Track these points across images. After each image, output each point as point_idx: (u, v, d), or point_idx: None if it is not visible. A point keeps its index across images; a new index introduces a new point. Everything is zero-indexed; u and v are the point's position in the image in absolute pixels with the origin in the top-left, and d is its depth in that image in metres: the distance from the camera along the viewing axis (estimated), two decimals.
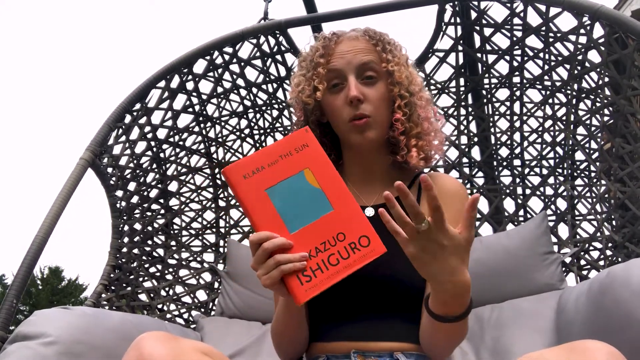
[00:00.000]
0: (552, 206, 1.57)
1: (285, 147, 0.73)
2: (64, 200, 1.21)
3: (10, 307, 1.01)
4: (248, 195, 0.69)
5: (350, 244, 0.69)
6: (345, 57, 0.90)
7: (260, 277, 0.67)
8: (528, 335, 1.15)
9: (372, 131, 0.89)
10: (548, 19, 1.36)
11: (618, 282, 0.80)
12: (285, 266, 0.66)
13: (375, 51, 0.91)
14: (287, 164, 0.72)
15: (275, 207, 0.69)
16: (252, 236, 0.68)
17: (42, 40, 79.72)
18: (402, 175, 0.97)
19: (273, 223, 0.69)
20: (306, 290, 0.67)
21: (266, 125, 1.75)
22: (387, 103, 0.91)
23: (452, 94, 1.64)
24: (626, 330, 0.76)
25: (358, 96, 0.87)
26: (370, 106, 0.88)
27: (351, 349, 0.82)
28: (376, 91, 0.89)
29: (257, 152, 0.72)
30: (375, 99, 0.89)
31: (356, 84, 0.88)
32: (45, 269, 20.22)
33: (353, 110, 0.88)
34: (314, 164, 0.73)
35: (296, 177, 0.71)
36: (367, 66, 0.89)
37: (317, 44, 0.94)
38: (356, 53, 0.90)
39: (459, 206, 0.89)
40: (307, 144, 0.73)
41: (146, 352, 0.60)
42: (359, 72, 0.90)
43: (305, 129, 0.75)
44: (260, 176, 0.70)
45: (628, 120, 1.27)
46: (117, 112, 1.43)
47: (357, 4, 1.55)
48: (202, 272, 1.63)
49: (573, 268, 1.42)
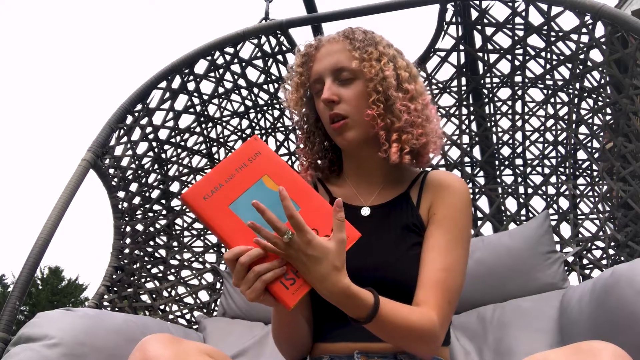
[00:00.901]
0: (554, 205, 1.56)
1: (238, 160, 0.73)
2: (66, 202, 1.21)
3: (13, 309, 1.01)
4: (213, 215, 0.68)
5: (325, 237, 0.69)
6: (323, 61, 0.91)
7: (245, 293, 0.67)
8: (531, 335, 1.15)
9: (351, 132, 0.89)
10: (550, 18, 1.36)
11: (623, 282, 0.80)
12: (265, 276, 0.65)
13: (352, 50, 0.90)
14: (243, 175, 0.72)
15: (242, 220, 0.69)
16: (227, 254, 0.67)
17: (42, 40, 79.73)
18: (404, 173, 0.97)
19: (244, 236, 0.68)
20: (293, 293, 0.66)
21: (267, 125, 1.75)
22: (366, 101, 0.90)
23: (453, 94, 1.64)
24: (631, 330, 0.76)
25: (328, 98, 0.88)
26: (347, 106, 0.89)
27: (354, 349, 0.82)
28: (352, 90, 0.89)
29: (211, 172, 0.72)
30: (351, 98, 0.89)
31: (330, 85, 0.89)
32: (45, 269, 20.23)
33: (329, 112, 0.89)
34: (270, 169, 0.73)
35: (256, 186, 0.71)
36: (341, 67, 0.89)
37: (301, 52, 0.96)
38: (332, 55, 0.91)
39: (457, 203, 0.89)
40: (259, 152, 0.74)
41: (150, 355, 0.60)
42: (335, 75, 0.90)
43: (254, 137, 0.75)
44: (220, 194, 0.70)
45: (630, 119, 1.27)
46: (119, 113, 1.43)
47: (357, 4, 1.55)
48: (204, 272, 1.64)
49: (575, 267, 1.42)
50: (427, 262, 0.84)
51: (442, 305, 0.80)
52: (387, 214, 0.91)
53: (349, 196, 0.95)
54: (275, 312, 0.82)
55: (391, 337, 0.76)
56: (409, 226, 0.89)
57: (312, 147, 1.00)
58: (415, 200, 0.92)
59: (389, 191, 0.94)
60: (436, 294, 0.80)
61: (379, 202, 0.93)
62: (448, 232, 0.86)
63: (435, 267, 0.83)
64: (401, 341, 0.77)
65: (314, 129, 0.99)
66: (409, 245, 0.87)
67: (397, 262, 0.85)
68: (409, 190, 0.94)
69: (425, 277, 0.82)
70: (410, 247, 0.87)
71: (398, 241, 0.87)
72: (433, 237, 0.86)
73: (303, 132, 1.01)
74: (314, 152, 1.00)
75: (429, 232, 0.88)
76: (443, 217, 0.88)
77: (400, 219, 0.90)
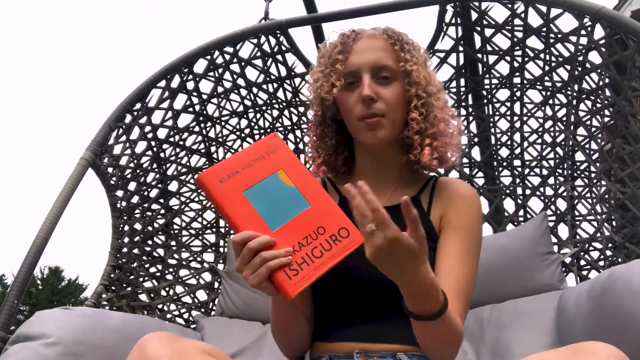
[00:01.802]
0: (552, 206, 1.57)
1: (257, 152, 0.75)
2: (65, 200, 1.21)
3: (11, 307, 1.01)
4: (226, 198, 0.70)
5: (331, 236, 0.72)
6: (361, 55, 0.90)
7: (247, 278, 0.67)
8: (528, 336, 1.15)
9: (383, 130, 0.88)
10: (549, 20, 1.36)
11: (620, 283, 0.80)
12: (272, 262, 0.66)
13: (393, 50, 0.90)
14: (260, 167, 0.74)
15: (254, 207, 0.70)
16: (235, 236, 0.67)
17: (42, 40, 79.58)
18: (416, 177, 0.98)
19: (254, 223, 0.69)
20: (295, 283, 0.67)
21: (266, 125, 1.75)
22: (403, 103, 0.90)
23: (452, 95, 1.64)
24: (627, 331, 0.76)
25: (371, 95, 0.87)
26: (384, 105, 0.88)
27: (354, 349, 0.82)
28: (391, 91, 0.89)
29: (229, 158, 0.74)
30: (389, 98, 0.88)
31: (370, 83, 0.88)
32: (45, 269, 20.20)
33: (366, 109, 0.88)
34: (287, 165, 0.75)
35: (271, 178, 0.74)
36: (383, 66, 0.89)
37: (336, 40, 0.93)
38: (373, 52, 0.90)
39: (472, 212, 0.91)
40: (277, 148, 0.77)
41: (150, 353, 0.60)
42: (375, 72, 0.89)
43: (274, 135, 0.78)
44: (236, 179, 0.71)
45: (628, 121, 1.27)
46: (118, 112, 1.43)
47: (357, 4, 1.55)
48: (202, 272, 1.63)
49: (573, 268, 1.43)
50: (447, 271, 0.84)
51: (464, 312, 0.83)
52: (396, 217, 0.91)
53: None
54: (274, 307, 0.82)
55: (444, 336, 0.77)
56: None
57: (325, 141, 0.99)
58: (426, 206, 0.93)
59: (400, 194, 0.94)
60: (459, 302, 0.82)
61: (390, 204, 0.93)
62: (465, 241, 0.87)
63: (455, 276, 0.84)
64: (443, 345, 0.78)
65: (331, 123, 0.98)
66: None
67: None
68: (420, 195, 0.95)
69: (446, 285, 0.83)
70: None
71: None
72: (450, 246, 0.87)
73: (319, 124, 0.99)
74: (328, 146, 0.99)
75: (445, 240, 0.88)
76: (459, 226, 0.89)
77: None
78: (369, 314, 0.83)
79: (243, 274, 0.68)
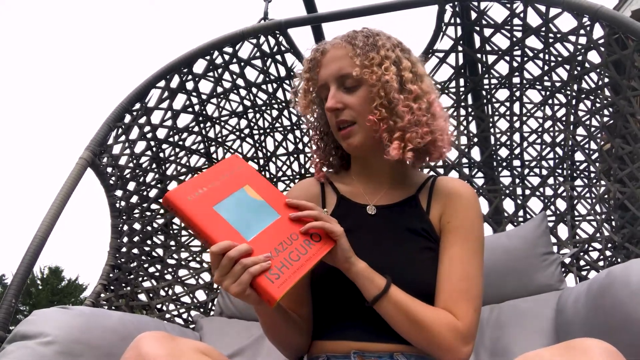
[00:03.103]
0: (551, 207, 1.57)
1: (221, 171, 0.78)
2: (64, 200, 1.21)
3: (9, 306, 1.01)
4: (197, 213, 0.70)
5: (305, 241, 0.76)
6: (327, 67, 0.92)
7: (229, 288, 0.67)
8: (527, 336, 1.15)
9: (356, 137, 0.90)
10: (548, 20, 1.36)
11: (617, 283, 0.80)
12: (252, 268, 0.67)
13: (353, 56, 0.90)
14: (226, 183, 0.77)
15: (227, 219, 0.72)
16: (214, 247, 0.68)
17: (42, 40, 79.70)
18: (412, 176, 0.98)
19: (229, 234, 0.71)
20: (278, 286, 0.68)
21: (266, 125, 1.75)
22: (370, 106, 0.89)
23: (451, 95, 1.64)
24: (625, 331, 0.76)
25: (334, 106, 0.89)
26: (352, 112, 0.89)
27: (351, 349, 0.82)
28: (357, 97, 0.89)
29: (194, 178, 0.76)
30: (355, 104, 0.89)
31: (335, 93, 0.90)
32: (45, 269, 20.21)
33: (335, 119, 0.91)
34: (252, 180, 0.80)
35: (239, 193, 0.77)
36: (344, 75, 0.90)
37: (309, 56, 0.96)
38: (335, 62, 0.91)
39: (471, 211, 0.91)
40: (240, 167, 0.81)
41: (144, 352, 0.60)
42: (339, 81, 0.91)
43: (235, 155, 0.83)
44: (204, 196, 0.73)
45: (628, 121, 1.27)
46: (117, 112, 1.43)
47: (357, 4, 1.55)
48: (202, 272, 1.63)
49: (572, 268, 1.42)
50: (449, 273, 0.84)
51: (469, 314, 0.81)
52: (393, 215, 0.92)
53: (355, 194, 0.96)
54: (260, 317, 0.84)
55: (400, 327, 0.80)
56: (417, 230, 0.89)
57: (325, 147, 1.02)
58: (425, 206, 0.93)
59: (396, 193, 0.95)
60: (461, 304, 0.82)
61: (385, 202, 0.93)
62: (465, 241, 0.87)
63: (458, 277, 0.84)
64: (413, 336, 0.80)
65: (327, 130, 1.00)
66: (417, 248, 0.88)
67: (400, 264, 0.85)
68: (418, 194, 0.95)
69: (448, 287, 0.83)
70: (418, 250, 0.88)
71: (403, 243, 0.88)
72: (451, 247, 0.87)
73: (316, 133, 1.03)
74: (326, 152, 1.02)
75: (446, 241, 0.88)
76: (458, 225, 0.89)
77: (406, 221, 0.91)
78: (366, 314, 0.83)
79: (224, 285, 0.68)
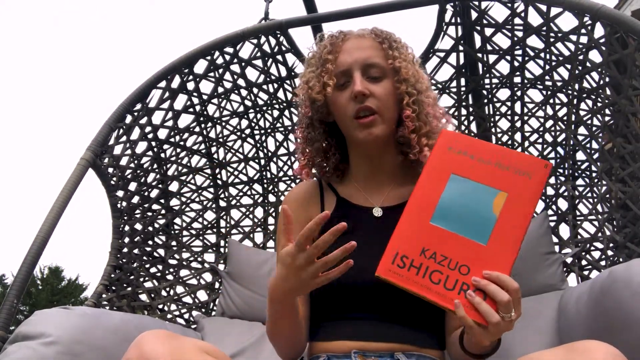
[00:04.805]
0: (553, 206, 1.56)
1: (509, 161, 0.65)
2: (65, 200, 1.21)
3: (11, 307, 1.01)
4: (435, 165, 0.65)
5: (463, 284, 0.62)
6: (351, 54, 0.90)
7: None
8: (529, 336, 1.15)
9: (378, 127, 0.88)
10: (549, 19, 1.36)
11: (619, 283, 0.80)
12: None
13: (382, 49, 0.91)
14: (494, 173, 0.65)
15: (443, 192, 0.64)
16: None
17: (42, 40, 79.85)
18: (411, 175, 0.97)
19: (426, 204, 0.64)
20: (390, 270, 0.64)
21: (267, 125, 1.75)
22: (394, 100, 0.90)
23: (452, 94, 1.64)
24: (627, 331, 0.75)
25: (363, 91, 0.87)
26: (376, 102, 0.88)
27: (352, 348, 0.81)
28: (382, 88, 0.89)
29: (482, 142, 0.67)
30: (381, 95, 0.88)
31: (361, 79, 0.88)
32: (45, 269, 20.20)
33: (358, 105, 0.87)
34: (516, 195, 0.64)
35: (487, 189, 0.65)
36: (373, 64, 0.89)
37: (325, 41, 0.94)
38: (362, 50, 0.90)
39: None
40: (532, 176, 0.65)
41: (147, 351, 0.60)
42: (365, 70, 0.89)
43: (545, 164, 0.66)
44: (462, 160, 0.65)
45: (629, 120, 1.27)
46: (118, 112, 1.43)
47: (357, 4, 1.55)
48: (203, 272, 1.63)
49: (574, 268, 1.42)
50: None
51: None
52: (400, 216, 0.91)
53: (357, 197, 0.95)
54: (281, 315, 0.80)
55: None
56: None
57: (312, 144, 0.98)
58: None
59: (398, 192, 0.94)
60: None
61: (390, 203, 0.92)
62: None
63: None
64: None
65: (319, 125, 0.97)
66: None
67: None
68: None
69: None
70: None
71: None
72: None
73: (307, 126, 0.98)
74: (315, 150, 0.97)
75: None
76: None
77: None
78: (367, 313, 0.83)
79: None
